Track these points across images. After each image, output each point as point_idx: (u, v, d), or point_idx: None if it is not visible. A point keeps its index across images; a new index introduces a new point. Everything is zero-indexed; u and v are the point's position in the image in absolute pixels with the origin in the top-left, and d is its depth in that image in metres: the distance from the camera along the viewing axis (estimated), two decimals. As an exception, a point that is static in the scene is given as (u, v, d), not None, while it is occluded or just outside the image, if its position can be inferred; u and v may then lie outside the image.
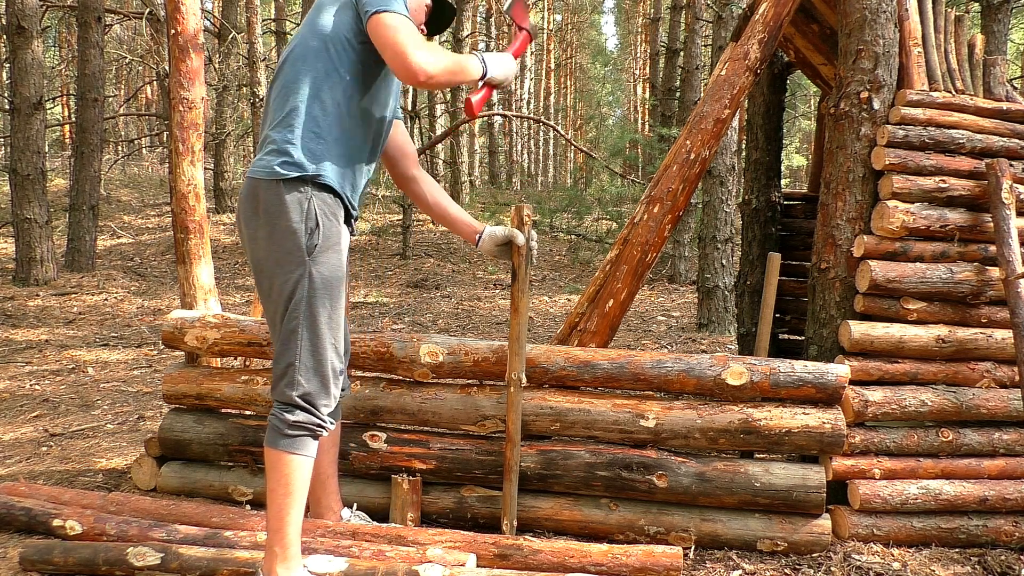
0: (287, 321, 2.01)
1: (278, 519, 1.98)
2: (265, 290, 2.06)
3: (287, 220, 1.99)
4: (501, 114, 15.10)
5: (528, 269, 2.44)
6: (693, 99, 10.49)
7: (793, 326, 4.13)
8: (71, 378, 5.20)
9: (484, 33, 20.74)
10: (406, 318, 7.68)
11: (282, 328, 2.03)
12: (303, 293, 2.00)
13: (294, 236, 1.99)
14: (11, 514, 2.50)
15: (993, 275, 2.73)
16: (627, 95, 33.42)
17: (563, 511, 2.56)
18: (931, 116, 2.77)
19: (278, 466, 2.00)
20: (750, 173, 4.12)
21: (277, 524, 1.99)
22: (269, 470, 2.02)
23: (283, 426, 2.02)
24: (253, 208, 2.04)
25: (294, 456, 2.01)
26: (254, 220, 2.05)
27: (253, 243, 2.06)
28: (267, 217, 2.01)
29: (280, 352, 2.04)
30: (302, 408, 2.03)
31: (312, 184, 2.01)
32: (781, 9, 2.98)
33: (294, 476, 2.00)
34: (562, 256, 12.99)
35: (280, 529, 1.98)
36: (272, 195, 2.01)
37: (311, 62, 2.05)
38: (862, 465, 2.59)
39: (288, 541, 1.99)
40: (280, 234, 2.00)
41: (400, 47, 1.92)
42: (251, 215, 2.06)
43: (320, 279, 2.01)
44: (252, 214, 2.05)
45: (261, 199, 2.02)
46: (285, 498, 1.99)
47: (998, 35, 7.17)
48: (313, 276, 2.00)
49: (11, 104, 9.21)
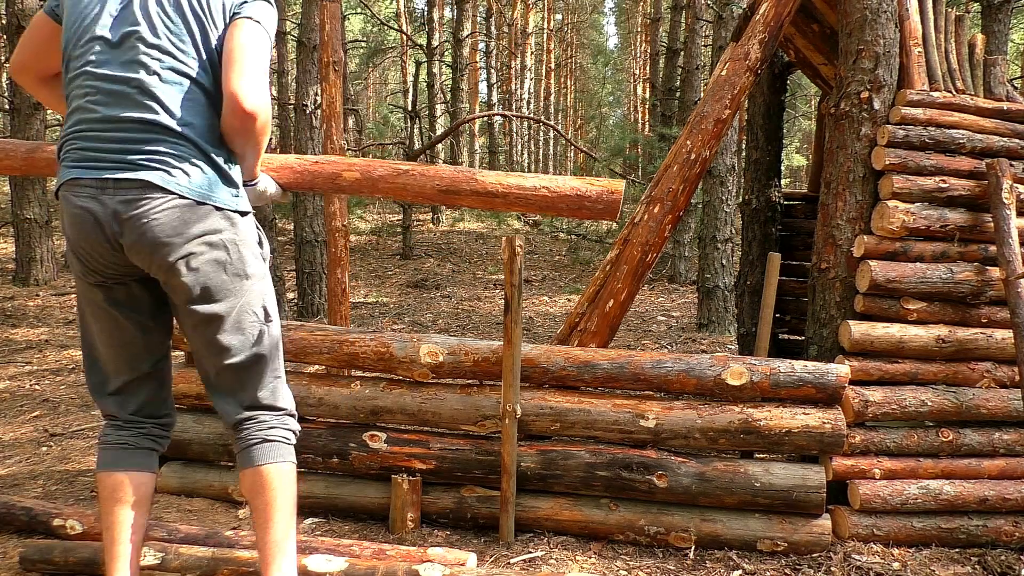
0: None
1: (289, 526, 1.88)
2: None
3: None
4: (501, 114, 15.07)
5: (520, 300, 2.43)
6: (693, 99, 10.48)
7: (793, 326, 4.14)
8: (71, 378, 5.19)
9: (484, 33, 20.74)
10: (406, 318, 7.68)
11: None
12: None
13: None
14: (11, 514, 2.50)
15: (993, 275, 2.73)
16: (627, 95, 33.42)
17: (563, 511, 2.56)
18: (931, 116, 2.77)
19: (290, 477, 1.89)
20: (750, 173, 4.12)
21: (288, 530, 1.87)
22: (280, 485, 1.86)
23: (291, 436, 1.92)
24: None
25: (294, 464, 1.93)
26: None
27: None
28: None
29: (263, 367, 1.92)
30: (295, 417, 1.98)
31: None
32: (782, 9, 2.98)
33: (293, 492, 1.91)
34: (562, 256, 12.98)
35: (289, 535, 1.88)
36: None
37: None
38: (862, 465, 2.59)
39: (293, 541, 1.90)
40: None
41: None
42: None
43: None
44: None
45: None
46: (293, 504, 1.90)
47: (998, 35, 7.17)
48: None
49: (11, 104, 9.21)
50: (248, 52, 1.76)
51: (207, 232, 1.76)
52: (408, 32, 20.61)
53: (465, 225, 15.96)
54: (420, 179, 2.16)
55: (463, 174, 2.17)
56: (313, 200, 7.49)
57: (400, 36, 20.38)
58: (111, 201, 1.71)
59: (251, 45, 1.78)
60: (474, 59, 20.84)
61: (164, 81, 1.75)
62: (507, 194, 2.14)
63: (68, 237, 1.79)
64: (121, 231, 1.72)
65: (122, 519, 1.86)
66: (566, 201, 2.11)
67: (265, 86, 1.78)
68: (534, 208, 2.14)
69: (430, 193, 2.16)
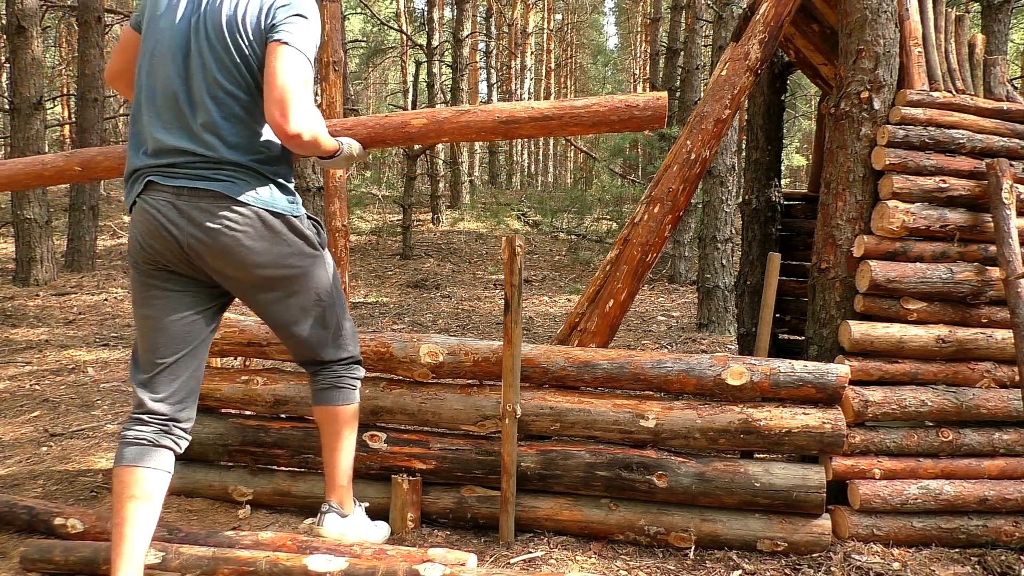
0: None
1: (348, 461, 2.34)
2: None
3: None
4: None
5: (520, 300, 2.43)
6: (693, 99, 10.49)
7: (793, 326, 4.13)
8: (71, 378, 5.19)
9: (484, 33, 20.74)
10: (406, 318, 7.68)
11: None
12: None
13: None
14: (12, 513, 2.50)
15: (993, 275, 2.73)
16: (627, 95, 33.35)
17: (563, 511, 2.56)
18: (931, 116, 2.77)
19: (351, 418, 2.33)
20: (750, 173, 4.12)
21: (347, 466, 2.34)
22: (343, 423, 2.31)
23: (355, 383, 2.35)
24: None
25: (357, 403, 2.36)
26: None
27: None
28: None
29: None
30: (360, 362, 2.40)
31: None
32: (782, 9, 2.98)
33: (357, 419, 2.36)
34: (562, 256, 12.99)
35: (349, 469, 2.35)
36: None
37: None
38: (862, 465, 2.59)
39: (351, 476, 2.37)
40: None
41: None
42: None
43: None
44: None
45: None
46: (352, 441, 2.34)
47: (998, 35, 7.17)
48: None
49: (11, 104, 9.21)
50: (286, 82, 1.89)
51: (272, 235, 2.03)
52: (408, 32, 20.61)
53: (465, 225, 15.95)
54: (481, 115, 2.31)
55: (520, 105, 2.32)
56: (313, 200, 7.49)
57: (400, 36, 20.38)
58: (186, 207, 1.94)
59: (288, 74, 1.90)
60: (474, 59, 20.84)
61: (215, 102, 1.96)
62: (562, 115, 2.26)
63: (136, 233, 2.00)
64: (192, 235, 1.95)
65: (134, 516, 1.92)
66: (617, 113, 2.23)
67: (304, 106, 1.91)
68: (587, 125, 2.25)
69: (492, 126, 2.30)
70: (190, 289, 2.06)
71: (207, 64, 1.95)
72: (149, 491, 1.95)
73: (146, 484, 1.95)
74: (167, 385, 2.04)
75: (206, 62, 1.95)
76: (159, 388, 2.03)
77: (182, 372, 2.05)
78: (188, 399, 2.08)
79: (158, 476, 1.99)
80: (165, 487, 2.01)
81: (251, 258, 2.01)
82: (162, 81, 1.97)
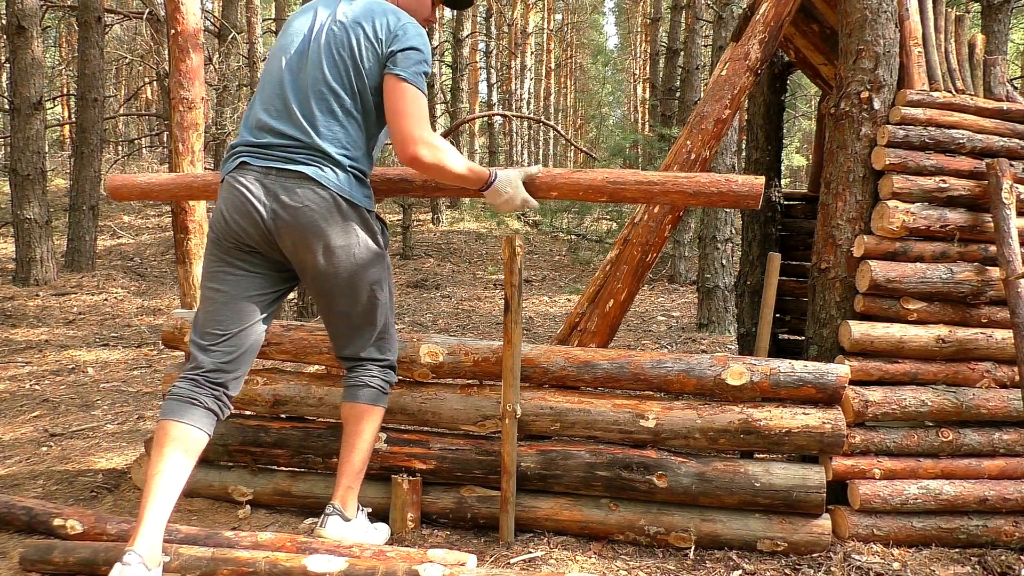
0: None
1: (363, 463, 2.36)
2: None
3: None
4: (501, 114, 15.07)
5: (520, 300, 2.43)
6: (693, 99, 10.49)
7: (793, 326, 4.13)
8: (71, 378, 5.20)
9: (484, 33, 20.73)
10: (406, 318, 7.68)
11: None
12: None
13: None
14: (12, 513, 2.50)
15: (993, 275, 2.73)
16: (627, 95, 33.42)
17: (563, 511, 2.56)
18: (931, 116, 2.77)
19: (375, 420, 2.37)
20: (750, 173, 4.12)
21: (359, 468, 2.35)
22: (367, 423, 2.34)
23: (387, 387, 2.40)
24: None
25: (383, 409, 2.40)
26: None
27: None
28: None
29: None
30: (395, 369, 2.47)
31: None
32: (782, 9, 2.98)
33: (379, 423, 2.40)
34: (562, 256, 12.99)
35: (360, 472, 2.35)
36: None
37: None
38: (862, 465, 2.59)
39: (360, 480, 2.38)
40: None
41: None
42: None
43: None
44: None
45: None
46: (369, 444, 2.36)
47: (998, 35, 7.17)
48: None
49: (11, 104, 9.21)
50: (404, 113, 2.12)
51: (344, 221, 2.15)
52: (408, 32, 20.50)
53: (465, 225, 15.96)
54: (592, 174, 2.40)
55: (628, 172, 2.43)
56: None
57: (400, 36, 20.26)
58: (272, 185, 2.11)
59: (405, 107, 2.12)
60: (474, 59, 20.83)
61: (318, 96, 2.15)
62: (665, 182, 2.33)
63: (223, 207, 2.15)
64: (275, 211, 2.10)
65: (170, 467, 2.03)
66: (716, 186, 2.29)
67: (420, 133, 2.11)
68: (687, 195, 2.32)
69: (600, 185, 2.38)
70: (260, 272, 2.21)
71: (320, 61, 2.16)
72: (187, 447, 2.06)
73: (187, 439, 2.07)
74: (224, 354, 2.17)
75: (320, 59, 2.16)
76: (215, 354, 2.17)
77: (241, 344, 2.20)
78: (240, 370, 2.21)
79: (198, 435, 2.09)
80: (201, 448, 2.11)
81: (324, 240, 2.14)
82: (276, 72, 2.20)
